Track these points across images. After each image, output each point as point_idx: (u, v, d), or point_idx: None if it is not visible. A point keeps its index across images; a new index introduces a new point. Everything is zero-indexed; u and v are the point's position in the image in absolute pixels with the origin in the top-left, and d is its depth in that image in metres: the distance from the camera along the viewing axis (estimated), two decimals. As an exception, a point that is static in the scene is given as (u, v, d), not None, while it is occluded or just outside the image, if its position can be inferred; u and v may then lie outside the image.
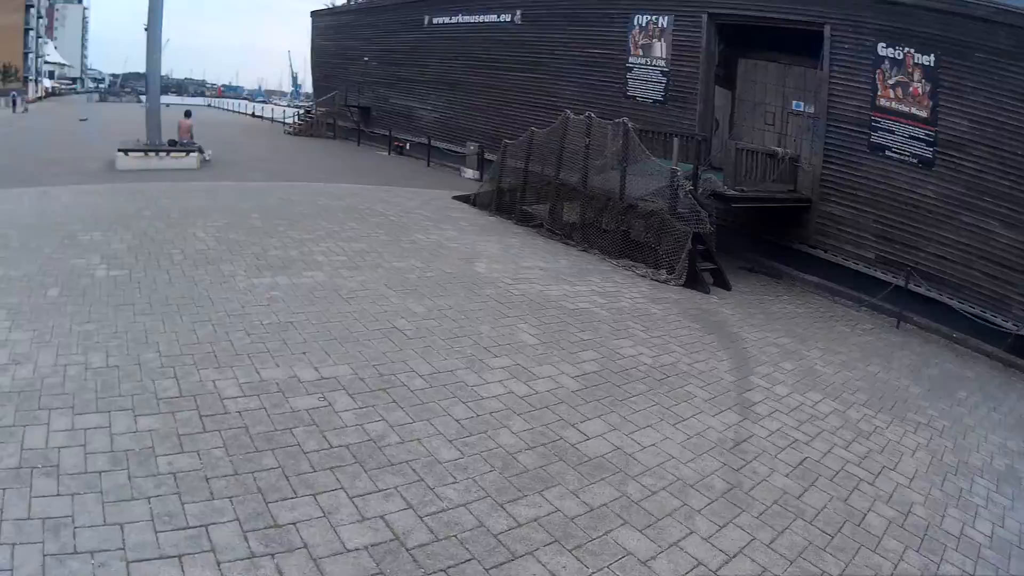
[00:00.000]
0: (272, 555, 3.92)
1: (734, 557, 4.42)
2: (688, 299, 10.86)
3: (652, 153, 12.86)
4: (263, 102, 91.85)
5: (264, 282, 8.81)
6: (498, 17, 24.57)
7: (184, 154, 20.45)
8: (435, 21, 28.32)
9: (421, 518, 4.31)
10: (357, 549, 4.02)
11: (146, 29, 22.33)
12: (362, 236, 12.00)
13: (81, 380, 5.84)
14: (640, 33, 18.81)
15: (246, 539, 4.04)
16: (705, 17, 17.06)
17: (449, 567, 3.92)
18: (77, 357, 6.29)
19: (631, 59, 19.07)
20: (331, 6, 41.44)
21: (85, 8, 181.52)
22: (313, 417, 5.42)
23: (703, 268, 11.84)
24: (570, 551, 4.17)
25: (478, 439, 5.32)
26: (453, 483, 4.71)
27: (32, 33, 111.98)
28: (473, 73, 26.01)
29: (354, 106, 35.23)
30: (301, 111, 47.21)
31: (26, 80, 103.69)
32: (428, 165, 25.85)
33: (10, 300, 7.64)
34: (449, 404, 5.85)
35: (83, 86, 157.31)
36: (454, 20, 27.22)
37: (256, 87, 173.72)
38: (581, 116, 13.81)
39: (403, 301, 8.59)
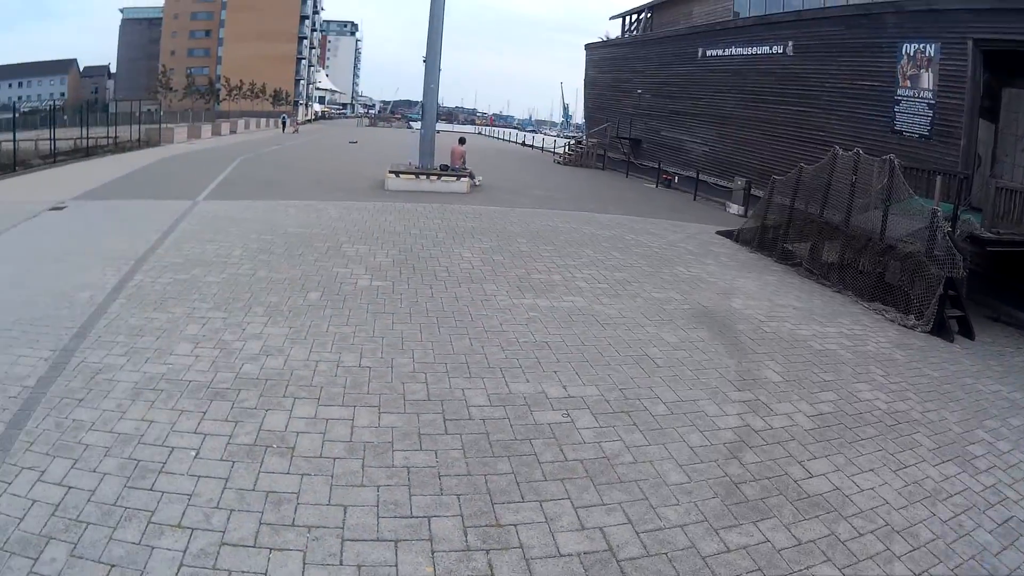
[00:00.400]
0: (487, 551, 4.50)
1: None
2: (931, 346, 10.51)
3: (916, 191, 12.55)
4: (533, 132, 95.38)
5: (524, 303, 9.85)
6: (770, 49, 24.34)
7: (455, 178, 22.09)
8: (709, 53, 28.49)
9: (637, 533, 4.81)
10: (570, 555, 4.53)
11: (425, 61, 24.57)
12: (624, 266, 12.75)
13: (331, 375, 6.97)
14: (908, 63, 18.04)
15: (465, 533, 4.66)
16: (970, 44, 16.14)
17: None
18: (330, 355, 7.50)
19: (899, 91, 18.29)
20: (605, 39, 42.82)
21: (358, 39, 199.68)
22: (554, 431, 6.16)
23: (950, 315, 11.33)
24: None
25: (707, 466, 5.78)
26: (675, 505, 5.20)
27: (304, 62, 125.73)
28: (743, 106, 25.87)
29: (625, 138, 35.83)
30: (571, 141, 49.04)
31: (296, 104, 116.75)
32: (694, 199, 26.02)
33: (271, 299, 9.27)
34: (686, 431, 6.36)
35: (353, 111, 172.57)
36: (727, 52, 27.25)
37: (526, 116, 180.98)
38: (849, 152, 13.67)
39: (657, 330, 9.21)
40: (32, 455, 5.26)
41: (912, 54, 17.98)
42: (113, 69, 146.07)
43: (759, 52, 25.11)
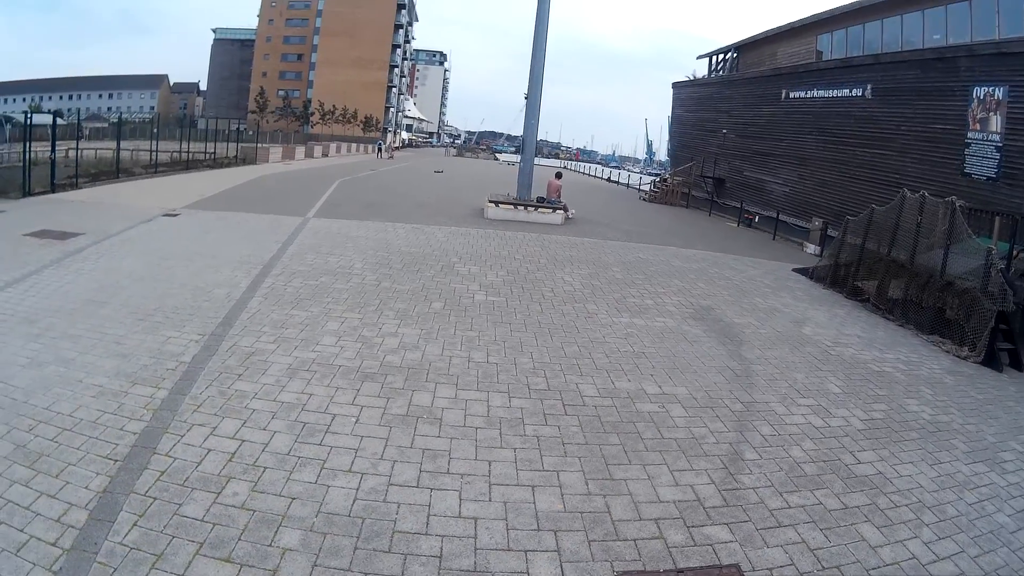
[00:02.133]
0: (604, 495, 5.91)
1: (942, 560, 5.66)
2: (980, 374, 11.34)
3: (977, 231, 13.53)
4: (616, 167, 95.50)
5: (621, 321, 11.37)
6: (850, 92, 25.25)
7: (551, 210, 23.68)
8: (791, 95, 29.52)
9: (719, 491, 6.17)
10: (667, 502, 5.92)
11: (526, 97, 26.36)
12: (708, 295, 14.11)
13: (464, 368, 8.59)
14: (978, 106, 18.77)
15: (587, 483, 6.09)
16: None
17: (730, 523, 5.69)
18: (460, 352, 9.14)
19: (969, 134, 19.05)
20: (692, 78, 43.99)
21: (446, 69, 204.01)
22: (652, 417, 7.64)
23: (1002, 347, 12.11)
24: (820, 530, 5.79)
25: (775, 449, 7.12)
26: (748, 473, 6.57)
27: (394, 90, 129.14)
28: (822, 148, 26.78)
29: (709, 177, 36.94)
30: (656, 179, 50.21)
31: (385, 131, 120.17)
32: (774, 238, 26.85)
33: (399, 306, 11.06)
34: (759, 424, 7.72)
35: (439, 140, 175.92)
36: (809, 95, 28.24)
37: (610, 152, 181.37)
38: (916, 195, 14.69)
39: (737, 348, 10.57)
40: (200, 415, 6.72)
41: (982, 97, 18.82)
42: (203, 86, 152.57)
43: (839, 95, 26.06)
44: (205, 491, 5.48)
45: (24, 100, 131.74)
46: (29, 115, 25.04)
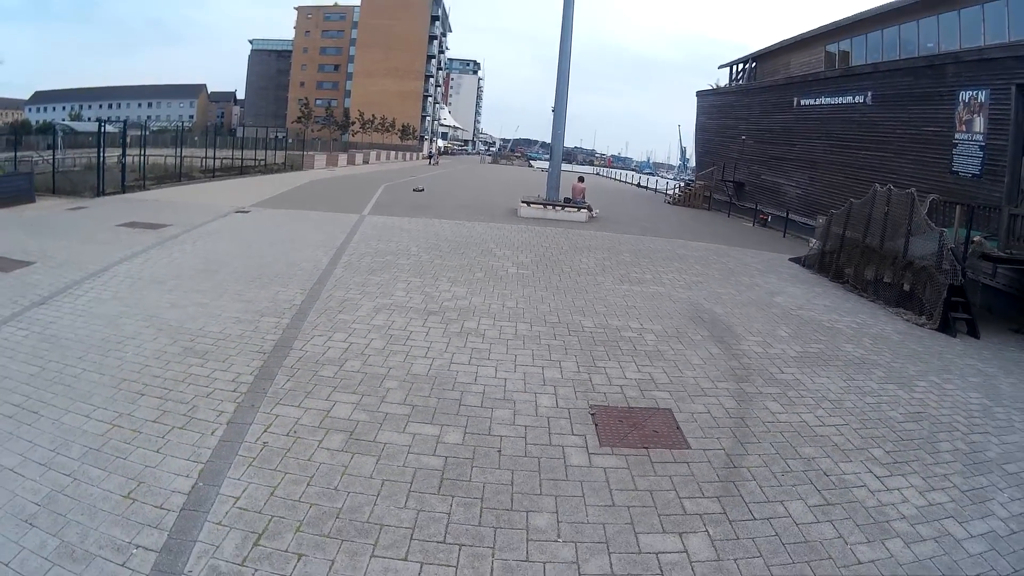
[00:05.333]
0: (588, 373, 9.18)
1: (826, 425, 8.64)
2: (930, 336, 13.57)
3: (950, 220, 16.15)
4: (650, 174, 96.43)
5: (622, 288, 14.53)
6: (853, 98, 27.78)
7: (576, 209, 27.34)
8: (802, 103, 32.12)
9: (669, 377, 9.21)
10: (629, 379, 9.03)
11: (553, 111, 29.74)
12: (701, 274, 17.14)
13: (499, 309, 12.12)
14: (964, 109, 21.15)
15: (578, 367, 9.41)
16: (1014, 89, 19.23)
17: (671, 391, 8.76)
18: (496, 301, 12.61)
19: (956, 135, 21.45)
20: (715, 86, 46.77)
21: (480, 78, 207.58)
22: (630, 339, 10.93)
23: (957, 317, 14.32)
24: (735, 399, 8.78)
25: (717, 361, 10.06)
26: (691, 370, 9.61)
27: (430, 99, 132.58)
28: (830, 152, 29.36)
29: (729, 181, 39.56)
30: (681, 183, 52.96)
31: (421, 139, 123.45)
32: (784, 236, 29.49)
33: (449, 275, 14.58)
34: (711, 347, 10.70)
35: (474, 148, 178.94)
36: (817, 102, 30.82)
37: (644, 159, 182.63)
38: (883, 189, 17.41)
39: (711, 307, 13.62)
40: (318, 331, 10.35)
41: (967, 101, 21.15)
42: (239, 95, 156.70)
43: (843, 102, 28.59)
44: (331, 365, 8.93)
45: (64, 109, 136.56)
46: (103, 124, 28.76)
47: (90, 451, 6.47)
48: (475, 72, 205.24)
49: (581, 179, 32.37)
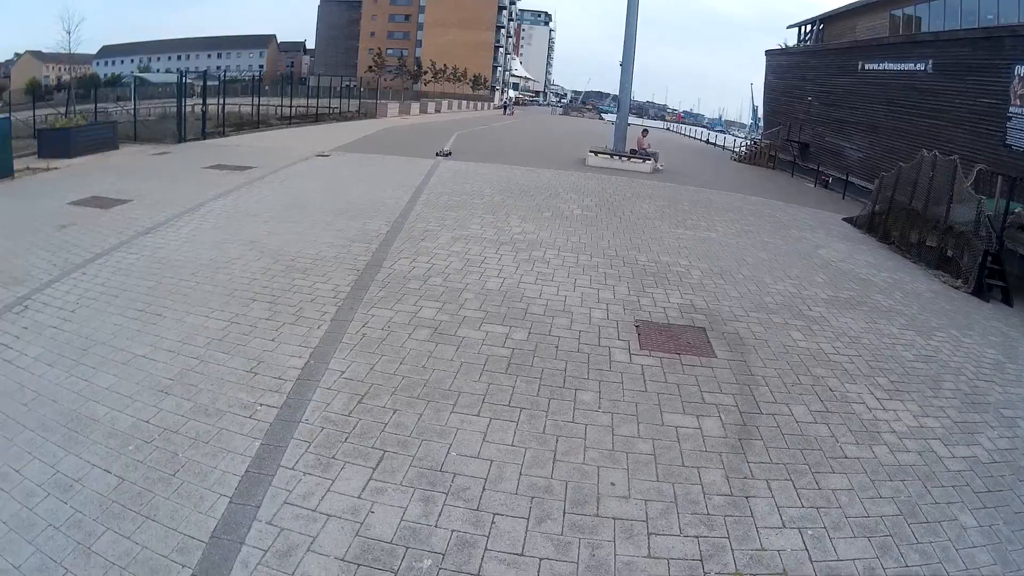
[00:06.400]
0: (637, 297, 10.24)
1: (840, 354, 9.56)
2: (963, 298, 13.74)
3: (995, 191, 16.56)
4: (721, 131, 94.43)
5: (677, 232, 15.50)
6: (914, 65, 27.47)
7: (641, 160, 28.01)
8: (866, 67, 31.76)
9: (707, 304, 10.26)
10: (673, 303, 10.11)
11: (621, 65, 30.36)
12: (753, 225, 17.84)
13: (563, 243, 13.41)
14: (1019, 83, 21.03)
15: (628, 291, 10.54)
16: None
17: (706, 314, 9.93)
18: (561, 236, 13.84)
19: (1011, 109, 21.34)
20: (783, 46, 46.26)
21: (551, 29, 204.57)
22: (678, 273, 11.97)
23: (992, 284, 14.49)
24: (763, 327, 9.82)
25: (753, 296, 10.98)
26: (728, 301, 10.65)
27: (501, 50, 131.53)
28: (891, 118, 29.16)
29: (794, 141, 39.26)
30: (749, 142, 52.71)
31: (493, 89, 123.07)
32: (843, 198, 29.31)
33: (519, 213, 15.84)
34: (750, 285, 11.56)
35: (545, 99, 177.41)
36: (880, 67, 30.48)
37: (716, 116, 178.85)
38: (929, 155, 17.75)
39: (757, 253, 14.43)
40: (403, 255, 11.75)
41: (1022, 75, 21.10)
42: (309, 45, 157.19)
43: (905, 68, 28.28)
44: (416, 280, 10.32)
45: (132, 62, 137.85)
46: (184, 75, 30.28)
47: (213, 341, 7.95)
48: (546, 23, 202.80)
49: (645, 132, 32.94)
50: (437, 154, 23.02)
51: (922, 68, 27.03)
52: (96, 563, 4.56)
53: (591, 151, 28.63)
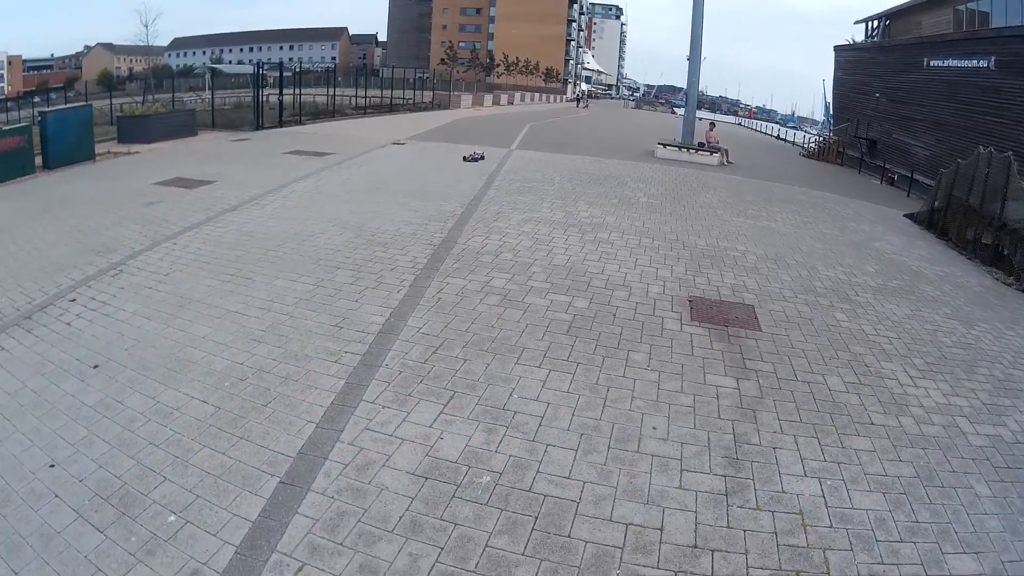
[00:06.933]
0: (692, 276, 10.61)
1: (879, 335, 9.90)
2: (1013, 295, 13.09)
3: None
4: (794, 128, 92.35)
5: (737, 220, 15.73)
6: (977, 63, 26.64)
7: (709, 153, 28.01)
8: (931, 64, 30.92)
9: (759, 286, 10.58)
10: (726, 283, 10.47)
11: (688, 59, 30.37)
12: (812, 217, 17.82)
13: (627, 227, 13.82)
14: None
15: (685, 271, 10.88)
16: None
17: (756, 294, 10.27)
18: (626, 221, 14.26)
19: None
20: (851, 42, 45.04)
21: (623, 23, 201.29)
22: (734, 257, 12.20)
23: None
24: (809, 307, 10.10)
25: (804, 280, 11.20)
26: (779, 284, 10.93)
27: (573, 43, 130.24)
28: (955, 115, 28.28)
29: (863, 138, 38.33)
30: (819, 138, 51.65)
31: (565, 82, 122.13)
32: (908, 195, 28.67)
33: (588, 199, 16.50)
34: (803, 271, 11.73)
35: (617, 93, 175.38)
36: (944, 64, 29.63)
37: (789, 112, 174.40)
38: (984, 151, 17.35)
39: (812, 241, 14.53)
40: (476, 232, 12.44)
41: None
42: (381, 38, 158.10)
43: (969, 65, 27.39)
44: (489, 255, 10.96)
45: (203, 54, 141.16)
46: (260, 66, 31.47)
47: (301, 300, 8.77)
48: (617, 17, 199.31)
49: (713, 126, 33.07)
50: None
51: (985, 65, 26.20)
52: (192, 472, 5.33)
53: (660, 143, 28.83)
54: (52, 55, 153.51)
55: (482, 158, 21.55)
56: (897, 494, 5.61)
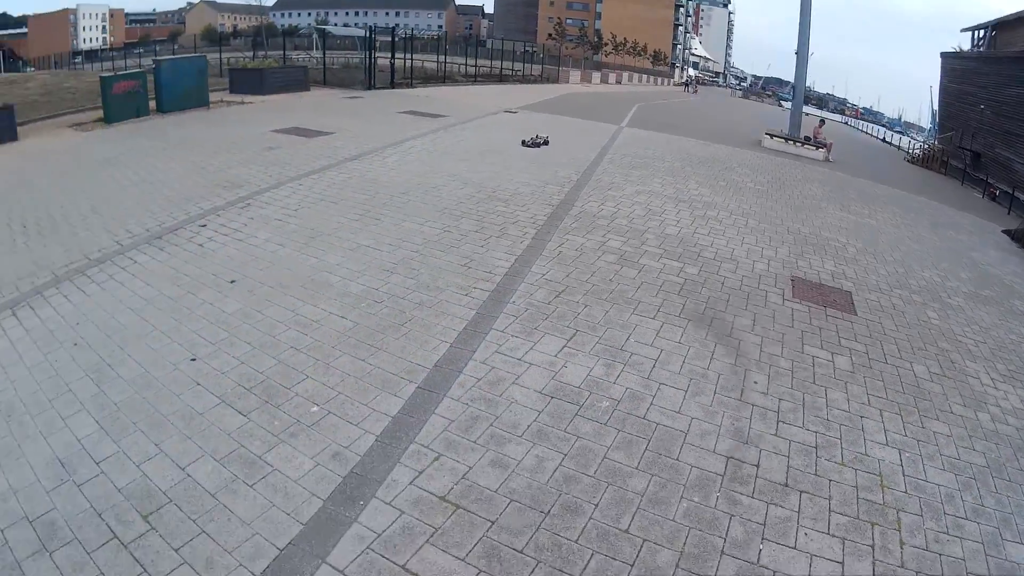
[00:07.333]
0: (796, 260, 10.93)
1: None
2: None
3: None
4: (900, 132, 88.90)
5: (839, 214, 15.67)
6: None
7: (814, 148, 27.46)
8: None
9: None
10: (824, 269, 10.95)
11: (796, 53, 29.80)
12: (913, 220, 17.31)
13: (734, 207, 14.02)
14: None
15: (789, 254, 11.02)
16: None
17: (851, 272, 10.60)
18: (733, 202, 14.56)
19: None
20: (957, 49, 42.78)
21: (730, 12, 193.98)
22: (836, 247, 12.26)
23: None
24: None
25: (902, 278, 11.66)
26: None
27: (680, 28, 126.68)
28: None
29: (967, 149, 36.38)
30: (925, 145, 49.61)
31: (672, 66, 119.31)
32: (1008, 212, 27.00)
33: (697, 180, 16.63)
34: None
35: (724, 81, 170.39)
36: None
37: (896, 116, 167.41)
38: None
39: (911, 243, 14.23)
40: (591, 198, 13.07)
41: None
42: (487, 10, 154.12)
43: None
44: (604, 219, 11.56)
45: (309, 15, 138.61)
46: (372, 29, 32.08)
47: (430, 241, 9.56)
48: (725, 6, 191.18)
49: (822, 122, 32.29)
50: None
51: (1091, 82, 24.12)
52: (334, 373, 6.09)
53: (767, 133, 28.48)
54: (154, 10, 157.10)
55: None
56: (967, 478, 5.94)
